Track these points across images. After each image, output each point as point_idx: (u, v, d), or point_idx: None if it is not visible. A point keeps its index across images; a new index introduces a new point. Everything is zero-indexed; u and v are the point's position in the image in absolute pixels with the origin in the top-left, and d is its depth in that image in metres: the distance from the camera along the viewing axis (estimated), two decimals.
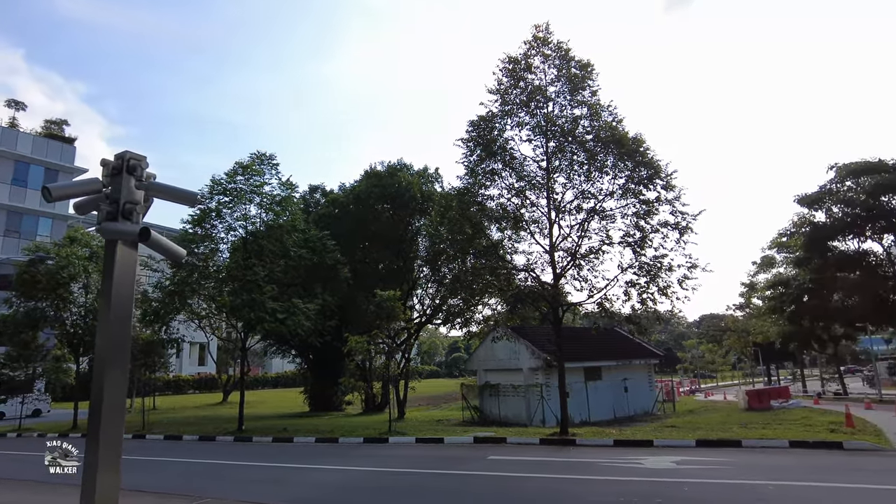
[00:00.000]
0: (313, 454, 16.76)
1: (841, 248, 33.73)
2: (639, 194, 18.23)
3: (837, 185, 33.58)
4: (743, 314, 53.95)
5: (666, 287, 17.73)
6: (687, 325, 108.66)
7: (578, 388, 26.36)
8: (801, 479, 10.49)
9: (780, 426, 17.89)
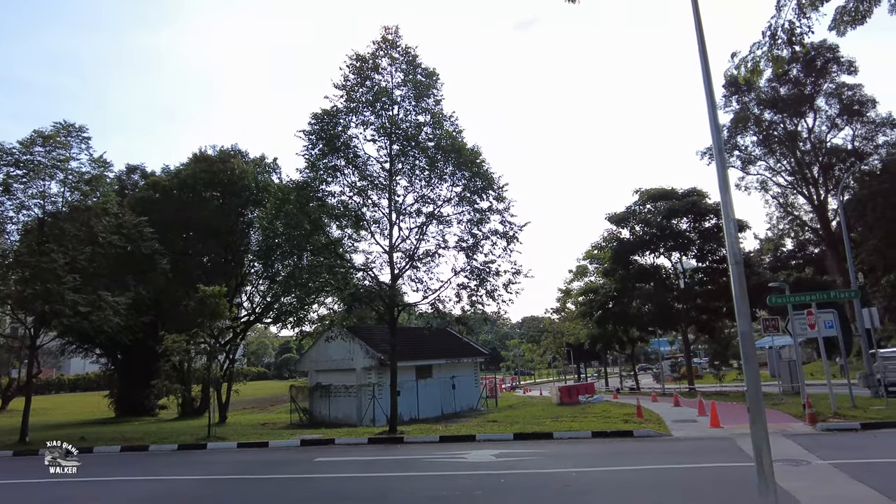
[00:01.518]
0: (117, 465, 14.95)
1: (640, 261, 38.78)
2: (473, 203, 19.26)
3: (640, 208, 38.57)
4: (559, 317, 59.44)
5: (493, 290, 18.96)
6: (511, 326, 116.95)
7: (410, 387, 26.91)
8: (599, 464, 11.78)
9: (585, 419, 19.93)
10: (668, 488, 9.45)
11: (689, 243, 36.79)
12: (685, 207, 35.73)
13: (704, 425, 16.77)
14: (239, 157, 31.25)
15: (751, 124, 52.98)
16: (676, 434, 15.76)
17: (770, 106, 52.03)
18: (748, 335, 6.03)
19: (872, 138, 49.08)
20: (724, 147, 47.39)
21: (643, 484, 9.85)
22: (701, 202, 37.08)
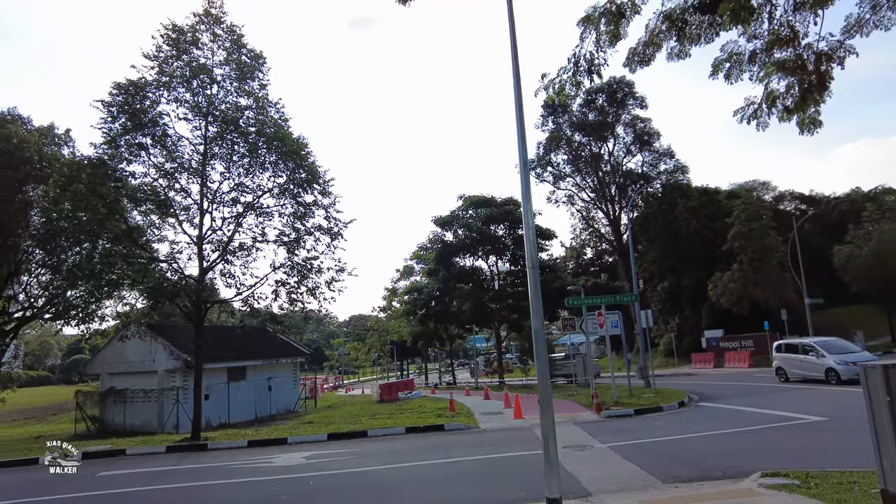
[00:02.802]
0: None
1: (462, 263, 40.77)
2: (297, 196, 18.51)
3: (463, 213, 40.54)
4: (385, 316, 60.09)
5: (315, 288, 18.41)
6: (337, 325, 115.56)
7: (220, 390, 25.12)
8: (409, 459, 12.02)
9: (401, 415, 20.29)
10: (471, 478, 9.94)
11: (504, 248, 39.58)
12: (502, 215, 38.39)
13: (509, 417, 18.03)
14: (19, 122, 26.52)
15: (563, 144, 58.75)
16: (484, 426, 16.72)
17: (580, 129, 58.23)
18: (541, 332, 6.55)
19: (657, 165, 57.30)
20: (540, 162, 51.88)
21: (449, 475, 10.25)
22: (516, 211, 40.10)
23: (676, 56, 8.82)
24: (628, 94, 56.45)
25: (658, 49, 8.79)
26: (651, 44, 8.70)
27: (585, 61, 8.44)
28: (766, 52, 8.22)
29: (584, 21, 8.51)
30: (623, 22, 8.27)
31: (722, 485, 7.60)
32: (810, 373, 21.79)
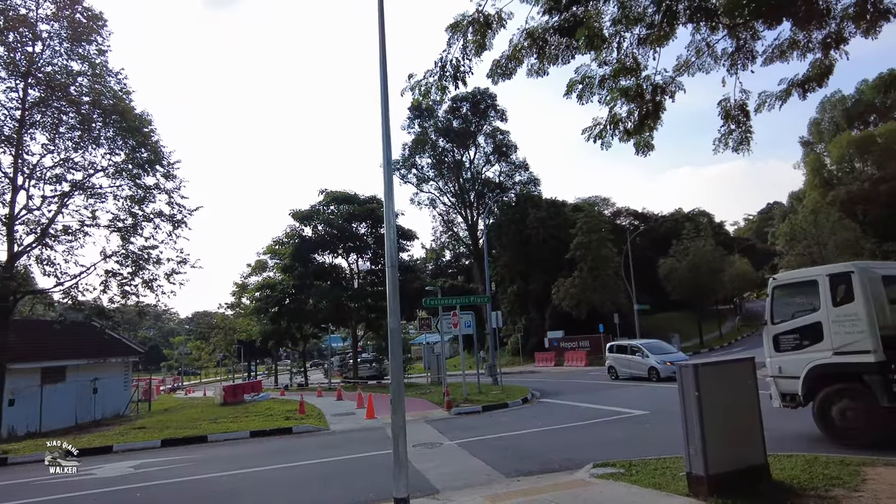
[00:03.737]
0: None
1: (320, 259, 39.70)
2: (136, 177, 16.71)
3: (324, 208, 39.52)
4: (233, 313, 56.64)
5: (152, 280, 16.74)
6: (179, 322, 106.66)
7: (31, 393, 21.94)
8: (253, 464, 11.35)
9: (246, 418, 19.20)
10: (318, 480, 9.65)
11: (365, 246, 39.27)
12: (365, 213, 38.08)
13: (361, 417, 17.86)
14: None
15: (428, 148, 59.86)
16: (335, 428, 16.39)
17: (445, 135, 59.74)
18: (397, 332, 6.53)
19: (512, 176, 60.52)
20: (405, 164, 52.22)
21: (295, 479, 9.86)
22: (379, 210, 39.98)
23: (536, 73, 9.31)
24: (490, 106, 59.06)
25: (520, 64, 9.21)
26: (514, 58, 9.11)
27: (452, 67, 8.61)
28: (613, 79, 8.99)
29: (453, 28, 8.68)
30: (489, 33, 8.56)
31: (559, 476, 8.15)
32: (636, 371, 24.35)
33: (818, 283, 9.53)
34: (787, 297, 10.33)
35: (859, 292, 8.97)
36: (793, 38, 9.09)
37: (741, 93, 9.15)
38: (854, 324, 8.95)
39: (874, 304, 8.92)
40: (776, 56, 9.29)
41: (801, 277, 10.31)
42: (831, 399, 9.18)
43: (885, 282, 9.34)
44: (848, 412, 8.91)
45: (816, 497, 5.91)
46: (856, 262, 9.99)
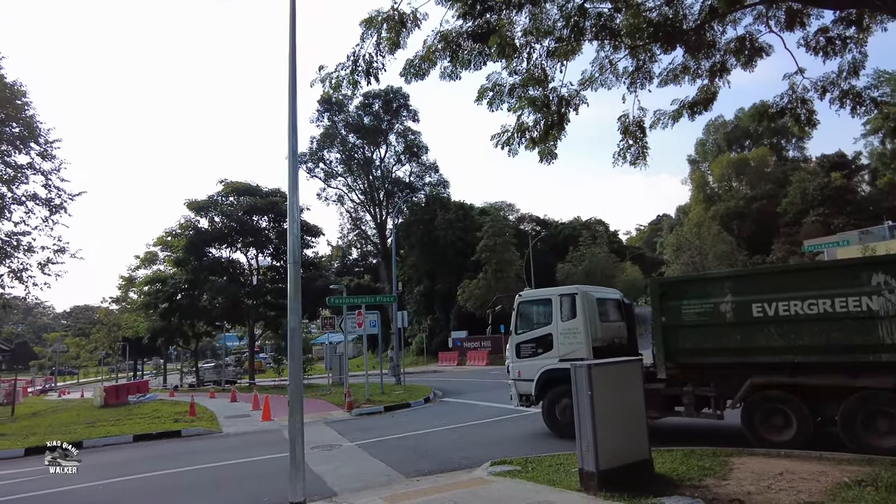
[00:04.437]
0: None
1: (217, 253, 37.68)
2: (6, 154, 14.98)
3: (223, 199, 37.57)
4: (118, 308, 52.50)
5: (22, 270, 15.10)
6: (54, 317, 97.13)
7: None
8: (136, 471, 10.56)
9: (130, 421, 17.85)
10: (208, 486, 9.15)
11: (267, 241, 37.78)
12: (267, 206, 36.61)
13: (257, 419, 17.15)
14: None
15: (337, 143, 58.77)
16: (228, 430, 15.62)
17: (355, 131, 58.92)
18: (297, 331, 6.33)
19: (423, 177, 60.82)
20: (312, 157, 50.99)
21: (183, 485, 9.29)
22: (283, 203, 38.61)
23: (449, 76, 9.41)
24: (403, 105, 59.02)
25: (433, 66, 9.27)
26: (427, 59, 9.15)
27: (364, 62, 8.50)
28: (522, 88, 9.28)
29: (367, 23, 8.57)
30: (404, 32, 8.53)
31: (458, 475, 8.25)
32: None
33: (552, 301, 11.34)
34: (528, 312, 11.96)
35: (580, 310, 10.91)
36: (685, 63, 9.86)
37: (639, 110, 9.79)
38: (575, 336, 10.86)
39: (590, 320, 10.88)
40: (670, 79, 10.03)
41: (540, 296, 12.26)
42: (556, 399, 10.85)
43: (598, 303, 11.39)
44: (568, 409, 10.19)
45: (692, 487, 6.40)
46: (579, 286, 12.20)
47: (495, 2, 8.79)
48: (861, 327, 7.89)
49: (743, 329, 8.76)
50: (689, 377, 9.40)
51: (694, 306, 9.21)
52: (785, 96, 9.64)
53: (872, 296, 7.77)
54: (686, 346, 9.36)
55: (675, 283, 10.22)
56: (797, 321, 8.32)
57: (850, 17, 8.89)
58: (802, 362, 8.26)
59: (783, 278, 8.94)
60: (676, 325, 9.39)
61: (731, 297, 8.86)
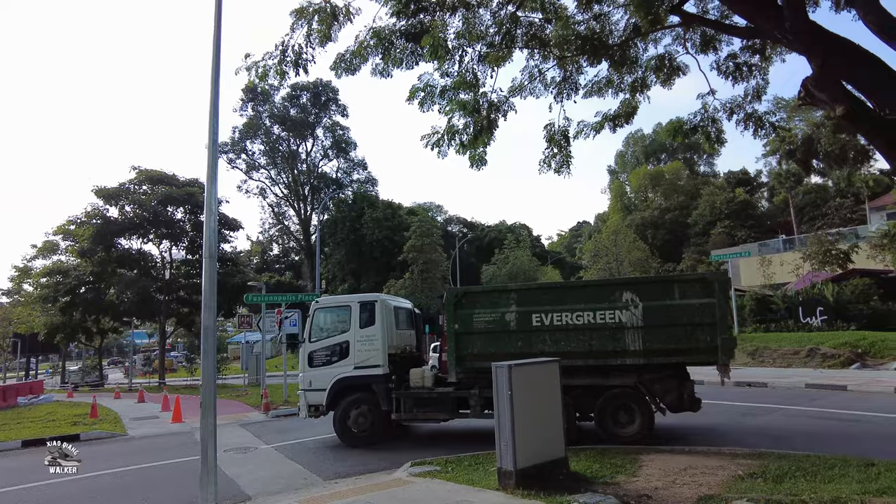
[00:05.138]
0: None
1: (126, 245, 35.40)
2: None
3: (136, 187, 35.37)
4: (10, 301, 48.20)
5: None
6: None
7: None
8: (24, 480, 9.71)
9: (18, 425, 16.48)
10: (111, 493, 8.60)
11: (182, 233, 35.93)
12: (184, 197, 34.80)
13: (166, 421, 16.29)
14: None
15: (261, 134, 56.86)
16: (134, 433, 14.73)
17: (281, 122, 57.23)
18: (211, 329, 6.05)
19: (350, 173, 60.05)
20: (234, 148, 49.05)
21: (81, 494, 8.67)
22: (200, 194, 36.89)
23: (380, 73, 9.31)
24: (332, 100, 58.00)
25: (364, 62, 9.15)
26: (359, 55, 9.02)
27: (293, 53, 8.27)
28: (453, 91, 9.34)
29: (298, 13, 8.34)
30: (336, 25, 8.37)
31: (378, 477, 8.17)
32: None
33: (351, 308, 11.37)
34: (324, 320, 11.80)
35: (379, 318, 11.07)
36: (609, 77, 10.28)
37: (564, 120, 10.09)
38: (372, 343, 10.97)
39: (387, 328, 11.13)
40: (595, 91, 10.42)
41: (338, 303, 12.38)
42: (350, 407, 10.93)
43: (395, 311, 11.71)
44: (360, 418, 10.81)
45: (604, 483, 6.67)
46: (378, 293, 12.59)
47: (429, 2, 8.81)
48: (613, 336, 9.48)
49: (524, 336, 9.81)
50: (477, 381, 9.94)
51: (484, 315, 10.00)
52: (698, 115, 10.25)
53: (623, 310, 9.43)
54: (475, 352, 10.00)
55: (469, 293, 10.69)
56: (567, 330, 9.65)
57: (756, 47, 9.59)
58: (570, 365, 8.99)
59: (559, 293, 10.35)
60: (467, 332, 10.05)
61: (516, 308, 9.88)
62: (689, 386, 9.75)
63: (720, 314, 9.31)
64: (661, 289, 9.70)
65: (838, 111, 5.11)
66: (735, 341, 10.20)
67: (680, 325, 9.34)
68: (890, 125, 4.82)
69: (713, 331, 9.24)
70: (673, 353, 9.37)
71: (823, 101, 5.25)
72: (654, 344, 9.35)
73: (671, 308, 9.39)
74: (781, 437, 9.52)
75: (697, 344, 9.30)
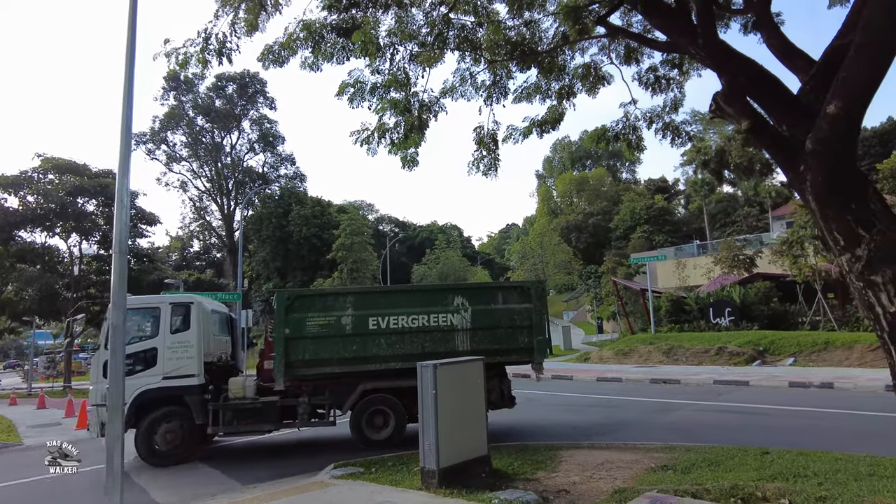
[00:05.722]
0: None
1: (28, 238, 32.73)
2: None
3: (41, 176, 32.79)
4: None
5: None
6: None
7: None
8: None
9: None
10: None
11: (93, 227, 33.64)
12: (96, 188, 32.58)
13: (70, 428, 15.17)
14: None
15: (183, 124, 54.24)
16: (31, 442, 13.64)
17: (205, 113, 54.83)
18: (120, 329, 5.70)
19: (278, 168, 58.42)
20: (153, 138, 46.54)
21: None
22: (114, 185, 34.68)
23: (310, 67, 9.10)
24: (260, 91, 56.22)
25: (293, 54, 8.91)
26: (287, 47, 8.77)
27: (217, 41, 7.93)
28: (384, 89, 9.26)
29: (224, 0, 8.00)
30: (263, 15, 8.10)
31: (298, 480, 7.97)
32: None
33: (161, 310, 10.12)
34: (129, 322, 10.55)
35: (195, 322, 10.08)
36: (538, 83, 10.53)
37: (493, 123, 10.23)
38: (186, 350, 9.91)
39: (204, 333, 10.24)
40: (524, 96, 10.63)
41: (144, 304, 10.61)
42: (156, 423, 9.70)
43: (212, 316, 11.03)
44: (169, 434, 9.70)
45: (525, 480, 6.82)
46: (193, 294, 12.09)
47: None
48: (445, 338, 9.86)
49: (360, 340, 9.71)
50: (306, 388, 9.85)
51: (318, 319, 9.63)
52: (620, 122, 10.69)
53: (454, 313, 9.89)
54: (306, 358, 9.62)
55: (303, 296, 10.30)
56: (402, 333, 9.78)
57: (675, 61, 10.12)
58: (403, 368, 9.36)
59: (396, 297, 10.46)
60: (299, 337, 9.57)
61: (352, 311, 9.73)
62: (508, 384, 10.48)
63: (537, 318, 10.11)
64: (487, 294, 10.43)
65: (744, 125, 5.47)
66: (548, 343, 10.50)
67: (503, 328, 10.05)
68: (787, 140, 5.21)
69: (530, 333, 10.06)
70: (497, 353, 9.91)
71: (731, 116, 5.60)
72: (480, 345, 9.80)
73: (496, 312, 10.08)
74: (692, 430, 10.10)
75: (518, 345, 10.07)
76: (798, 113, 5.28)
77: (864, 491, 5.47)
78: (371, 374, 9.83)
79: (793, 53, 5.92)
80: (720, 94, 5.65)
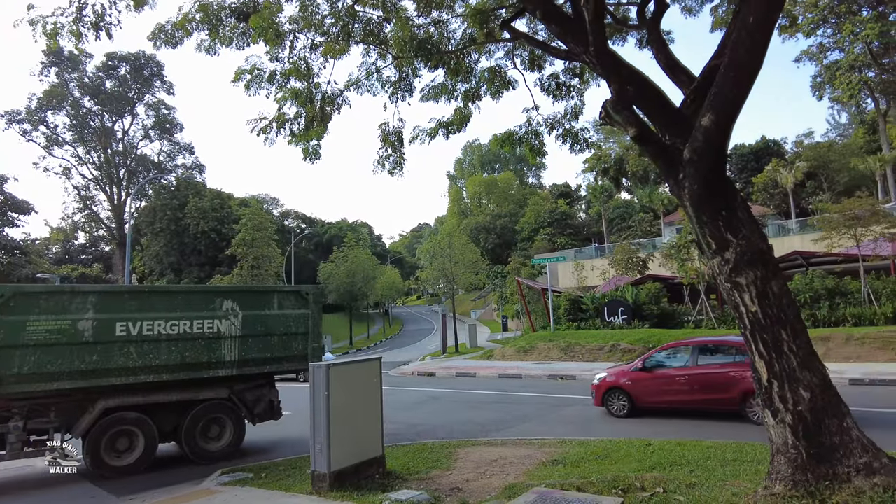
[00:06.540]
0: None
1: None
2: None
3: None
4: None
5: None
6: None
7: None
8: None
9: None
10: None
11: None
12: None
13: None
14: None
15: (67, 105, 49.66)
16: None
17: (93, 94, 50.53)
18: None
19: (175, 157, 54.98)
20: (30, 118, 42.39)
21: None
22: None
23: (206, 50, 8.61)
24: (156, 75, 52.66)
25: (188, 36, 8.38)
26: (181, 28, 8.24)
27: (94, 13, 7.24)
28: (284, 77, 8.90)
29: None
30: None
31: (182, 489, 7.46)
32: None
33: None
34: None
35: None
36: (444, 84, 10.55)
37: (399, 121, 10.14)
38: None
39: None
40: (431, 96, 10.62)
41: None
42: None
43: None
44: None
45: (419, 479, 6.78)
46: None
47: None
48: (209, 346, 9.05)
49: (102, 349, 8.25)
50: (18, 409, 8.00)
51: (45, 323, 7.92)
52: (523, 127, 10.96)
53: (223, 319, 9.16)
54: (25, 371, 7.73)
55: (23, 293, 8.06)
56: (159, 340, 8.66)
57: (576, 70, 10.52)
58: (156, 381, 8.61)
59: (153, 299, 8.99)
60: (14, 346, 7.70)
61: (94, 315, 8.24)
62: (276, 394, 10.02)
63: (313, 324, 9.87)
64: (261, 299, 9.74)
65: (630, 133, 5.75)
66: (322, 350, 10.29)
67: (277, 335, 9.61)
68: (669, 149, 5.53)
69: (306, 340, 9.80)
70: (269, 363, 9.57)
71: (619, 123, 5.87)
72: (251, 353, 9.35)
73: (270, 318, 9.60)
74: (585, 424, 10.54)
75: (292, 352, 9.72)
76: (679, 124, 5.62)
77: (728, 475, 5.92)
78: (116, 389, 8.43)
79: (677, 69, 6.31)
80: (609, 102, 5.90)
